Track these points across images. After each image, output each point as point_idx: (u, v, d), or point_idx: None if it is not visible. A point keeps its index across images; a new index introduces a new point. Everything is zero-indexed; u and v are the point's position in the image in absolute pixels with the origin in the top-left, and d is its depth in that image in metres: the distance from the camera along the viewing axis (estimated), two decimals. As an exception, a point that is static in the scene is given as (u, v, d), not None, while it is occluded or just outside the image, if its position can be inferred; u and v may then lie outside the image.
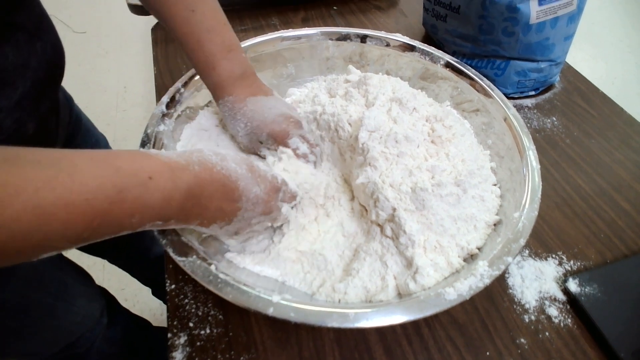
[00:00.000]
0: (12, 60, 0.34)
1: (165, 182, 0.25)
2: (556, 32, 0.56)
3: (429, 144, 0.39)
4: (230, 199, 0.30)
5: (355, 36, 0.53)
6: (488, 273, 0.30)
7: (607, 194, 0.50)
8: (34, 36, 0.37)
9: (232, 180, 0.30)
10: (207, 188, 0.28)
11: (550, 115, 0.60)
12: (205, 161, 0.29)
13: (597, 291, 0.39)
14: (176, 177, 0.26)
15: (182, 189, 0.26)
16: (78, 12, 2.01)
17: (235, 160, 0.31)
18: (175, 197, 0.26)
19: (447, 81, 0.50)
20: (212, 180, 0.28)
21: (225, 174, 0.29)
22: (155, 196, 0.25)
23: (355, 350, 0.37)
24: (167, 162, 0.26)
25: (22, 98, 0.36)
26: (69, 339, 0.51)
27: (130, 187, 0.23)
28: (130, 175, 0.24)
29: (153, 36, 0.71)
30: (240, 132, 0.41)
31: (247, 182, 0.31)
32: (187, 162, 0.27)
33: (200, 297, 0.39)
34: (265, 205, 0.32)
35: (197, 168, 0.28)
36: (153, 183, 0.24)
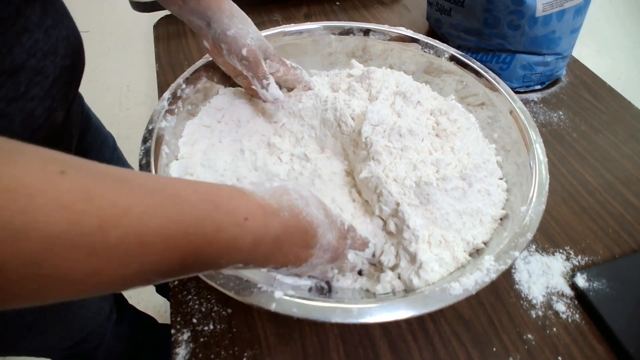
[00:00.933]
0: (42, 46, 0.34)
1: (258, 226, 0.24)
2: (562, 25, 0.55)
3: (434, 137, 0.38)
4: (308, 246, 0.29)
5: (358, 30, 0.52)
6: (494, 267, 0.29)
7: (615, 188, 0.49)
8: (58, 22, 0.37)
9: (313, 227, 0.28)
10: (291, 235, 0.27)
11: (556, 109, 0.59)
12: (293, 207, 0.27)
13: (605, 286, 0.39)
14: (268, 222, 0.25)
15: (271, 235, 0.25)
16: (81, 11, 2.02)
17: (315, 205, 0.30)
18: (265, 242, 0.25)
19: (452, 75, 0.49)
20: (297, 227, 0.27)
21: (309, 220, 0.28)
22: (247, 239, 0.24)
23: (360, 346, 0.36)
24: (262, 204, 0.25)
25: (52, 86, 0.35)
26: (81, 334, 0.52)
27: (227, 227, 0.22)
28: (228, 213, 0.23)
29: (155, 33, 0.71)
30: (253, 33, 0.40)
31: (325, 229, 0.29)
32: (279, 207, 0.26)
33: (203, 293, 0.39)
34: (334, 253, 0.31)
35: (287, 214, 0.27)
36: (248, 225, 0.23)
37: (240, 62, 0.39)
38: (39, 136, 0.35)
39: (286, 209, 0.27)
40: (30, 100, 0.34)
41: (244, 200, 0.24)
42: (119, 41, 1.92)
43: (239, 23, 0.39)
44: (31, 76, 0.33)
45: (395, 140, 0.37)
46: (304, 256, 0.29)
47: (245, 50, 0.38)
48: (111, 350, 0.58)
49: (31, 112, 0.34)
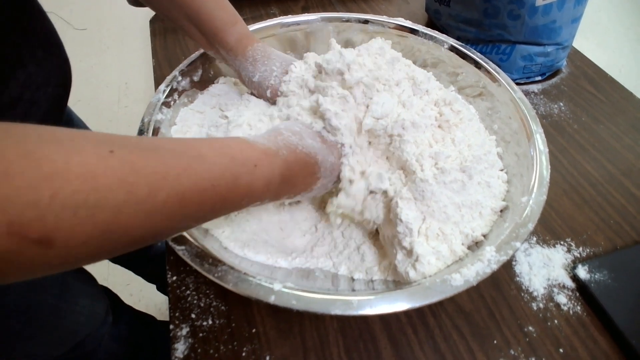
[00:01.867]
0: (35, 78, 0.35)
1: (266, 170, 0.28)
2: (563, 14, 0.55)
3: (436, 129, 0.38)
4: (312, 173, 0.33)
5: (357, 21, 0.52)
6: (495, 258, 0.29)
7: (617, 179, 0.49)
8: (50, 53, 0.38)
9: (312, 157, 0.32)
10: (294, 169, 0.31)
11: (557, 100, 0.59)
12: (289, 144, 0.31)
13: (607, 277, 0.38)
14: (272, 164, 0.29)
15: (277, 174, 0.29)
16: (78, 9, 2.01)
17: (310, 136, 0.34)
18: (274, 181, 0.29)
19: (451, 65, 0.49)
20: (297, 160, 0.31)
21: (305, 152, 0.32)
22: (260, 182, 0.27)
23: (360, 340, 0.36)
24: (264, 150, 0.29)
25: (45, 115, 0.36)
26: (75, 339, 0.51)
27: (243, 175, 0.26)
28: (242, 164, 0.26)
29: (151, 28, 0.70)
30: (275, 70, 0.42)
31: (324, 154, 0.33)
32: (277, 148, 0.30)
33: (202, 288, 0.39)
34: (338, 170, 0.35)
35: (285, 152, 0.30)
36: (258, 171, 0.27)
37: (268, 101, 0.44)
38: None
39: (283, 148, 0.30)
40: None
41: (250, 150, 0.28)
42: (117, 38, 1.90)
43: (261, 66, 0.42)
44: (27, 108, 0.34)
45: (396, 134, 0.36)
46: (312, 181, 0.33)
47: (268, 92, 0.42)
48: (110, 352, 0.58)
49: None
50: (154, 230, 0.22)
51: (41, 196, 0.16)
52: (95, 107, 1.58)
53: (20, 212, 0.16)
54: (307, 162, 0.32)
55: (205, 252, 0.30)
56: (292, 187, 0.32)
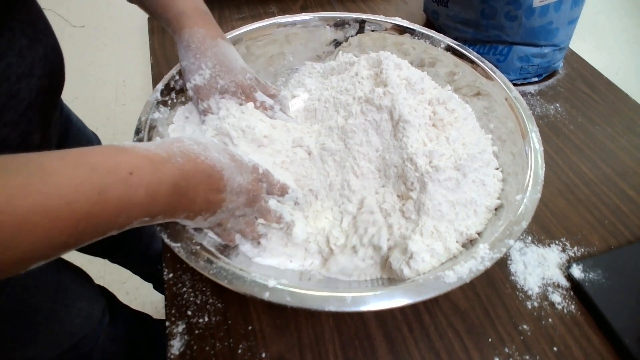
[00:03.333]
0: (15, 68, 0.33)
1: (148, 177, 0.24)
2: (560, 15, 0.55)
3: (430, 127, 0.38)
4: (216, 190, 0.29)
5: (354, 21, 0.52)
6: (489, 256, 0.29)
7: (612, 180, 0.49)
8: (35, 41, 0.35)
9: (217, 171, 0.28)
10: (192, 180, 0.27)
11: (553, 101, 0.59)
12: (187, 152, 0.27)
13: (601, 277, 0.39)
14: (159, 171, 0.25)
15: (167, 183, 0.25)
16: (76, 6, 2.00)
17: (217, 149, 0.30)
18: (161, 192, 0.25)
19: (448, 65, 0.49)
20: (197, 171, 0.27)
21: (209, 164, 0.28)
22: (140, 193, 0.23)
23: (356, 337, 0.36)
24: (147, 155, 0.25)
25: (28, 109, 0.34)
26: (71, 340, 0.51)
27: (111, 186, 0.22)
28: (109, 173, 0.22)
29: (149, 25, 0.70)
30: (204, 70, 0.39)
31: (232, 172, 0.30)
32: (169, 155, 0.26)
33: (198, 285, 0.39)
34: (248, 196, 0.31)
35: (181, 160, 0.26)
36: (135, 179, 0.23)
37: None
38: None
39: (178, 155, 0.26)
40: (3, 126, 0.32)
41: (124, 155, 0.24)
42: (114, 36, 1.90)
43: (191, 57, 0.38)
44: (4, 101, 0.32)
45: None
46: (216, 200, 0.29)
47: (189, 86, 0.39)
48: (106, 351, 0.57)
49: (3, 139, 0.33)
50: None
51: None
52: (92, 105, 1.57)
53: None
54: (210, 176, 0.28)
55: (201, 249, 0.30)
56: (190, 203, 0.27)
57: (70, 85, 0.56)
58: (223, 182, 0.29)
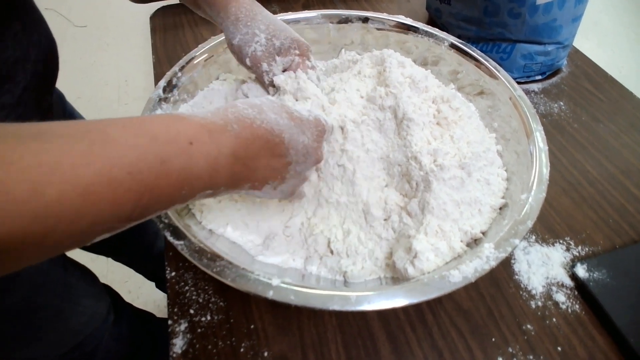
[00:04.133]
0: (11, 52, 0.33)
1: (207, 147, 0.23)
2: (564, 13, 0.55)
3: (434, 126, 0.37)
4: (278, 155, 0.27)
5: (357, 19, 0.52)
6: (494, 255, 0.29)
7: (616, 178, 0.49)
8: (30, 27, 0.36)
9: (276, 134, 0.27)
10: (250, 148, 0.26)
11: (557, 99, 0.59)
12: (242, 117, 0.26)
13: (606, 276, 0.38)
14: (217, 141, 0.24)
15: (226, 152, 0.24)
16: (78, 6, 2.00)
17: (273, 110, 0.28)
18: (221, 162, 0.24)
19: (451, 63, 0.49)
20: (255, 137, 0.26)
21: (267, 128, 0.26)
22: (201, 163, 0.23)
23: (358, 337, 0.36)
24: (204, 124, 0.24)
25: (24, 93, 0.35)
26: (77, 339, 0.51)
27: (173, 157, 0.21)
28: (170, 142, 0.21)
29: (152, 24, 0.70)
30: (259, 36, 0.37)
31: (292, 133, 0.28)
32: (225, 122, 0.25)
33: (200, 284, 0.39)
34: (316, 154, 0.30)
35: (237, 127, 0.25)
36: (195, 149, 0.22)
37: (248, 70, 0.39)
38: None
39: (234, 122, 0.25)
40: (1, 109, 0.33)
41: (183, 125, 0.23)
42: (117, 36, 1.90)
43: (243, 27, 0.37)
44: (1, 84, 0.32)
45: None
46: (280, 166, 0.27)
47: (248, 60, 0.37)
48: (110, 350, 0.58)
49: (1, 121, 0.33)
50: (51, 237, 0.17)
51: None
52: (94, 104, 1.57)
53: None
54: (269, 141, 0.26)
55: (204, 247, 0.30)
56: (252, 172, 0.26)
57: (72, 85, 0.56)
58: (284, 146, 0.27)
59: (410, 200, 0.35)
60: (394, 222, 0.35)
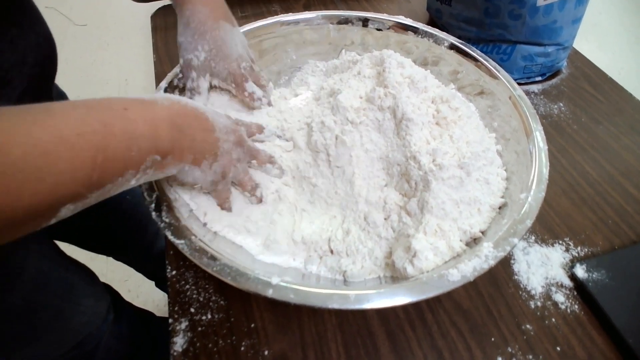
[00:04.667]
0: (8, 57, 0.33)
1: (142, 112, 0.26)
2: (564, 14, 0.55)
3: (433, 125, 0.38)
4: (207, 129, 0.30)
5: (357, 19, 0.52)
6: (493, 254, 0.29)
7: (615, 180, 0.49)
8: (27, 30, 0.36)
9: (201, 112, 0.30)
10: (184, 119, 0.28)
11: (557, 101, 0.59)
12: (169, 98, 0.29)
13: (604, 277, 0.39)
14: (150, 108, 0.26)
15: (163, 117, 0.27)
16: (79, 5, 2.00)
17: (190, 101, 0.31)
18: (160, 125, 0.26)
19: (451, 63, 0.49)
20: (186, 111, 0.29)
21: (192, 106, 0.30)
22: (140, 125, 0.25)
23: (358, 336, 0.36)
24: (136, 98, 0.27)
25: (21, 96, 0.35)
26: (77, 338, 0.51)
27: (112, 120, 0.23)
28: (105, 109, 0.24)
29: (152, 23, 0.70)
30: (199, 52, 0.38)
31: (213, 114, 0.31)
32: (154, 99, 0.28)
33: (201, 283, 0.39)
34: (235, 135, 0.33)
35: (167, 103, 0.28)
36: (131, 113, 0.25)
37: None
38: None
39: (163, 100, 0.28)
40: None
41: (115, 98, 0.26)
42: (117, 35, 1.90)
43: (189, 36, 0.38)
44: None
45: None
46: (212, 140, 0.30)
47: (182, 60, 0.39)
48: (110, 349, 0.58)
49: None
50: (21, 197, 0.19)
51: None
52: (95, 103, 1.57)
53: None
54: (197, 116, 0.30)
55: (205, 247, 0.30)
56: (191, 140, 0.29)
57: (72, 84, 0.56)
58: (210, 122, 0.31)
59: (409, 200, 0.35)
60: (393, 222, 0.35)
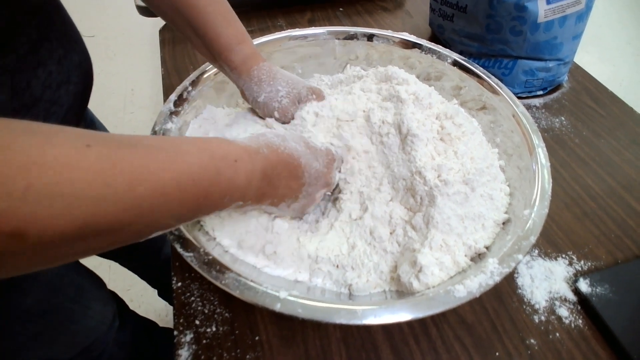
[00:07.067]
0: (55, 77, 0.35)
1: (246, 165, 0.28)
2: (564, 31, 0.56)
3: (438, 141, 0.38)
4: (295, 176, 0.33)
5: (362, 35, 0.53)
6: (498, 270, 0.29)
7: (617, 193, 0.49)
8: (70, 50, 0.38)
9: (295, 158, 0.32)
10: (276, 169, 0.31)
11: (558, 115, 0.60)
12: (270, 144, 0.31)
13: (608, 291, 0.39)
14: (253, 160, 0.29)
15: (258, 170, 0.29)
16: (86, 16, 2.04)
17: (294, 139, 0.34)
18: (255, 178, 0.29)
19: (454, 79, 0.50)
20: (279, 160, 0.31)
21: (288, 153, 0.32)
22: (241, 178, 0.28)
23: (362, 350, 0.36)
24: (245, 147, 0.29)
25: (67, 113, 0.37)
26: (85, 342, 0.52)
27: (223, 169, 0.26)
28: (222, 158, 0.27)
29: (161, 37, 0.72)
30: (281, 91, 0.42)
31: (308, 159, 0.33)
32: (258, 146, 0.30)
33: (206, 295, 0.39)
34: (325, 178, 0.36)
35: (266, 151, 0.31)
36: (239, 165, 0.27)
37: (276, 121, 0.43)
38: None
39: (264, 147, 0.31)
40: None
41: (230, 146, 0.28)
42: (124, 46, 1.93)
43: (267, 87, 0.41)
44: (48, 107, 0.34)
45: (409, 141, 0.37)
46: (296, 186, 0.33)
47: (276, 113, 0.42)
48: (113, 357, 0.58)
49: None
50: (133, 227, 0.21)
51: (15, 187, 0.16)
52: (101, 113, 1.57)
53: None
54: (289, 164, 0.32)
55: (213, 260, 0.31)
56: (274, 189, 0.31)
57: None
58: (301, 169, 0.33)
59: (414, 215, 0.36)
60: (398, 236, 0.36)
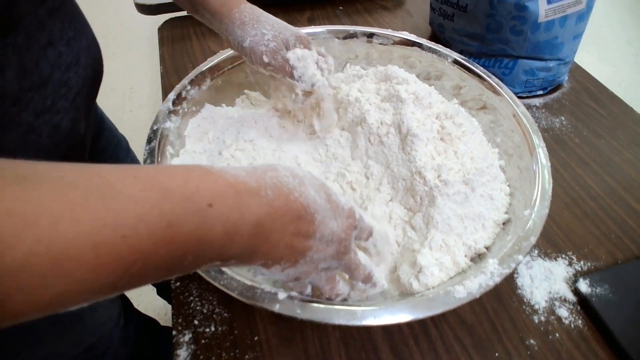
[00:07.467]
0: (65, 58, 0.35)
1: (229, 212, 0.19)
2: (565, 30, 0.56)
3: (438, 141, 0.38)
4: (304, 235, 0.23)
5: (362, 34, 0.53)
6: (498, 271, 0.29)
7: (617, 194, 0.49)
8: (79, 33, 0.38)
9: (309, 212, 0.23)
10: (279, 221, 0.22)
11: (558, 114, 0.60)
12: (280, 185, 0.23)
13: (608, 292, 0.39)
14: (243, 205, 0.20)
15: (251, 221, 0.20)
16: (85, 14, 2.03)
17: (313, 186, 0.24)
18: (242, 231, 0.20)
19: (454, 78, 0.50)
20: (287, 210, 0.22)
21: (303, 203, 0.23)
22: (216, 230, 0.19)
23: (362, 350, 0.36)
24: (234, 183, 0.20)
25: (76, 97, 0.36)
26: (92, 339, 0.51)
27: (183, 218, 0.18)
28: (184, 200, 0.18)
29: (160, 35, 0.71)
30: (267, 34, 0.38)
31: (325, 215, 0.24)
32: (259, 186, 0.22)
33: (205, 295, 0.39)
34: (339, 246, 0.26)
35: (271, 194, 0.22)
36: (214, 212, 0.19)
37: (266, 70, 0.39)
38: (63, 147, 0.36)
39: (270, 188, 0.22)
40: (57, 112, 0.34)
41: (207, 181, 0.20)
42: (123, 45, 1.93)
43: (251, 30, 0.38)
44: (57, 89, 0.34)
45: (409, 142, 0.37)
46: (301, 248, 0.23)
47: (265, 57, 0.38)
48: (117, 354, 0.58)
49: (57, 125, 0.34)
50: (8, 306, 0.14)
51: None
52: (99, 111, 1.59)
53: None
54: (300, 216, 0.23)
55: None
56: (272, 247, 0.22)
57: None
58: (314, 227, 0.24)
59: (414, 215, 0.35)
60: (398, 236, 0.36)
